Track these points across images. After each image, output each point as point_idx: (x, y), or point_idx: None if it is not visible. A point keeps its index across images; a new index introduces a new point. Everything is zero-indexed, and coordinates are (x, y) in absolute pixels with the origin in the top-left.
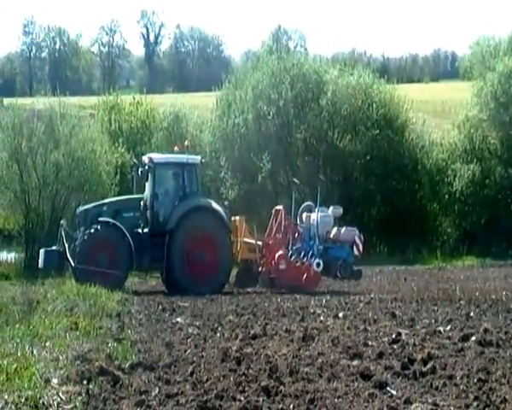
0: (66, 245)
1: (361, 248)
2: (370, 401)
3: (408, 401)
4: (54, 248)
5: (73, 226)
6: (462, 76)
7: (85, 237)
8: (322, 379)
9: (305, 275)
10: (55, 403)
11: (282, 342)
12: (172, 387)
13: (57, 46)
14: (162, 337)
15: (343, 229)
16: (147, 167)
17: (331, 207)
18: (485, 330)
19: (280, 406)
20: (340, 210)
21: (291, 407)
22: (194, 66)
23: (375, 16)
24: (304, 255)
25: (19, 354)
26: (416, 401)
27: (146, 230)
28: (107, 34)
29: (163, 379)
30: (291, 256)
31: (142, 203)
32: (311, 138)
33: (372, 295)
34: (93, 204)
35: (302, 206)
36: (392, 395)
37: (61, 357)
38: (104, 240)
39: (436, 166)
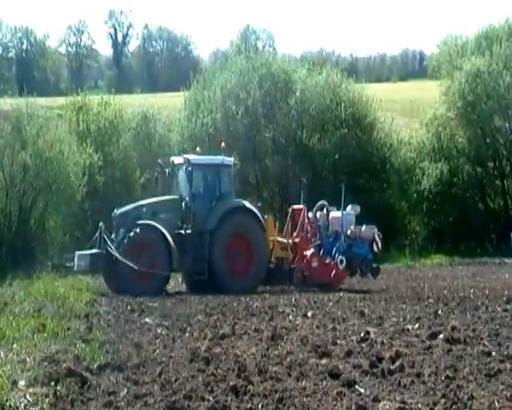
0: (113, 247)
1: (380, 246)
2: (339, 399)
3: (376, 399)
4: (94, 250)
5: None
6: (430, 75)
7: (126, 241)
8: (291, 378)
9: (333, 272)
10: (22, 405)
11: (250, 341)
12: (141, 387)
13: (24, 46)
14: (131, 338)
15: (363, 227)
16: (185, 168)
17: (349, 206)
18: (453, 328)
19: (248, 405)
20: (358, 208)
21: (259, 406)
22: (163, 66)
23: (344, 16)
24: (323, 252)
25: None
26: (385, 399)
27: (188, 231)
28: (74, 34)
29: (131, 380)
30: None
31: (182, 204)
32: (280, 137)
33: (341, 294)
34: (131, 206)
35: (317, 205)
36: (360, 394)
37: (28, 359)
38: (145, 243)
39: (404, 164)
